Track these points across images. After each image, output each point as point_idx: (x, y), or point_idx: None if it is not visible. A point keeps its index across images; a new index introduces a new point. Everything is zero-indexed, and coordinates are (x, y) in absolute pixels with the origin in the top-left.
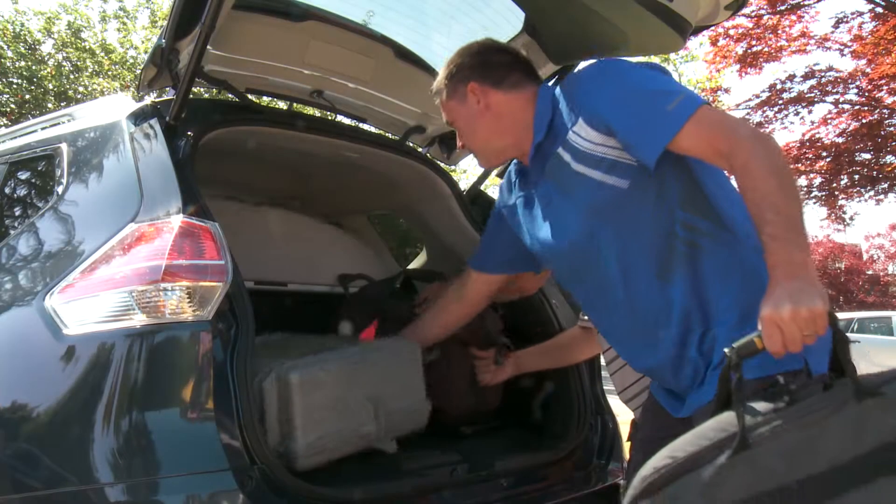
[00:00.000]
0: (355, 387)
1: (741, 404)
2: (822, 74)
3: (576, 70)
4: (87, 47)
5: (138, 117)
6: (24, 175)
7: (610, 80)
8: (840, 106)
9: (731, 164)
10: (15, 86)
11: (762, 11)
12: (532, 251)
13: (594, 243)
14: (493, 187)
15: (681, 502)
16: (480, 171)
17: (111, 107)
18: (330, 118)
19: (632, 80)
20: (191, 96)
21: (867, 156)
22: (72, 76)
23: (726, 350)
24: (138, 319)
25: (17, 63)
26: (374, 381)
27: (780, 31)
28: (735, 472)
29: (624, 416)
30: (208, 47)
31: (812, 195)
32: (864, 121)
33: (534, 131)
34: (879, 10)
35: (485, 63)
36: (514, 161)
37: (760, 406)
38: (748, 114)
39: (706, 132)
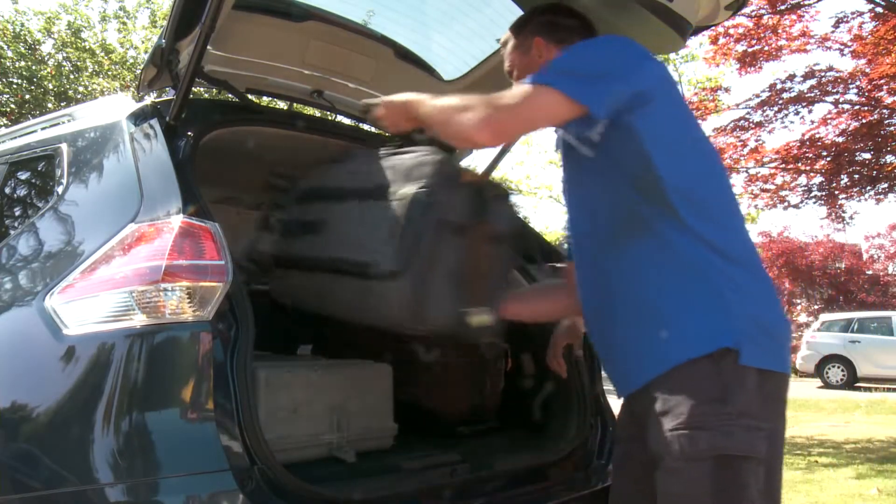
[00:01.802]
0: (320, 395)
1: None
2: (822, 74)
3: None
4: (87, 47)
5: (138, 117)
6: (24, 175)
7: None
8: (840, 106)
9: None
10: (15, 86)
11: (762, 11)
12: None
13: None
14: None
15: None
16: (480, 171)
17: (111, 107)
18: (330, 118)
19: (574, 51)
20: (191, 96)
21: (867, 156)
22: (72, 76)
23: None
24: (138, 320)
25: (17, 63)
26: (340, 394)
27: (780, 31)
28: None
29: None
30: (208, 47)
31: (812, 195)
32: (864, 121)
33: None
34: (879, 10)
35: (552, 23)
36: None
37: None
38: (748, 113)
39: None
